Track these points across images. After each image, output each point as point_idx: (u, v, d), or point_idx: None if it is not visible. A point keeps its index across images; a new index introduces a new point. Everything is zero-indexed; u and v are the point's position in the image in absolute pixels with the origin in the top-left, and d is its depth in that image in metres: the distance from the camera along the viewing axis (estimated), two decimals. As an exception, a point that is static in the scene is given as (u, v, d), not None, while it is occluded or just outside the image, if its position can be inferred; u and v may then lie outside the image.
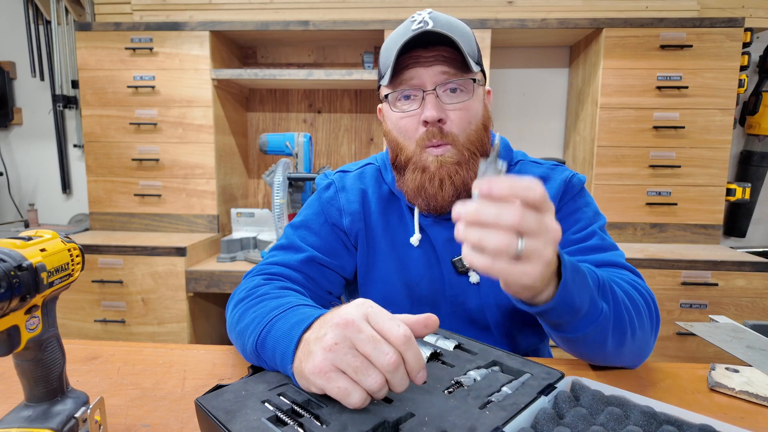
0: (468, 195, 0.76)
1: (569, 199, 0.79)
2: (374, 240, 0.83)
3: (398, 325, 0.44)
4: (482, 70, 0.76)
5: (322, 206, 0.84)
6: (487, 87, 0.81)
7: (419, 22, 0.70)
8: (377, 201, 0.83)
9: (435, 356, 0.60)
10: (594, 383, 0.54)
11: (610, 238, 0.77)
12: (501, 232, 0.44)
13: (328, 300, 0.83)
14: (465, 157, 0.73)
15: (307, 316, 0.55)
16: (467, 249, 0.46)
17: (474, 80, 0.72)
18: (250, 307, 0.65)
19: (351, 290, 0.91)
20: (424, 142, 0.72)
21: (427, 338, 0.65)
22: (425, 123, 0.71)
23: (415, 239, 0.81)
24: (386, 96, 0.75)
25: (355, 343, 0.44)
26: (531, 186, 0.44)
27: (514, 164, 0.83)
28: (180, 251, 1.80)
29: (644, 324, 0.63)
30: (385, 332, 0.44)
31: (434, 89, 0.70)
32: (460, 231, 0.46)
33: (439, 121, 0.71)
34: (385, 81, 0.73)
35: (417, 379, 0.45)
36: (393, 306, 0.83)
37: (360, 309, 0.47)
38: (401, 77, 0.72)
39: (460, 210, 0.45)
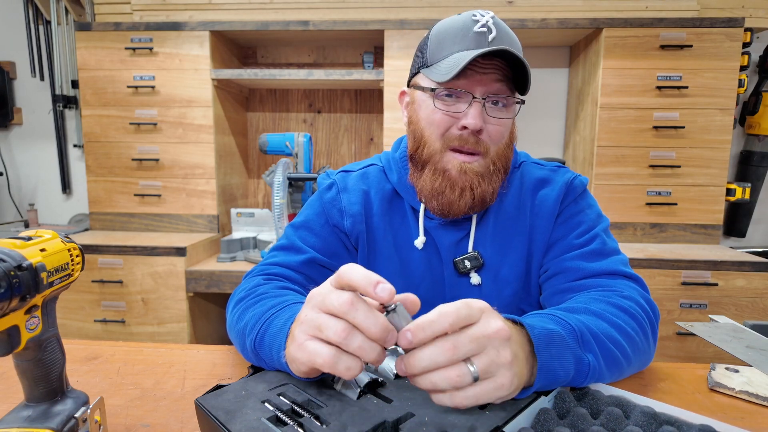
0: (482, 207, 0.75)
1: (571, 201, 0.79)
2: (375, 242, 0.83)
3: (362, 270, 0.44)
4: None
5: (323, 207, 0.84)
6: None
7: (483, 26, 0.69)
8: (380, 202, 0.83)
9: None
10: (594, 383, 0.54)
11: (614, 241, 0.77)
12: (446, 370, 0.42)
13: None
14: (490, 171, 0.73)
15: (292, 314, 0.55)
16: (436, 397, 0.44)
17: (523, 102, 0.72)
18: (249, 307, 0.65)
19: None
20: (452, 143, 0.71)
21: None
22: (463, 128, 0.70)
23: (420, 242, 0.80)
24: (432, 89, 0.72)
25: (318, 305, 0.46)
26: (440, 316, 0.42)
27: (518, 166, 0.83)
28: (180, 251, 1.80)
29: (639, 344, 0.61)
30: (343, 282, 0.44)
31: (483, 98, 0.69)
32: (414, 382, 0.44)
33: (478, 131, 0.70)
34: (439, 78, 0.69)
35: (386, 342, 0.43)
36: None
37: (328, 282, 0.47)
38: (452, 77, 0.69)
39: (401, 366, 0.44)
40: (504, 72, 0.70)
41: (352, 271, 0.43)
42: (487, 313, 0.45)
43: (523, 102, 0.72)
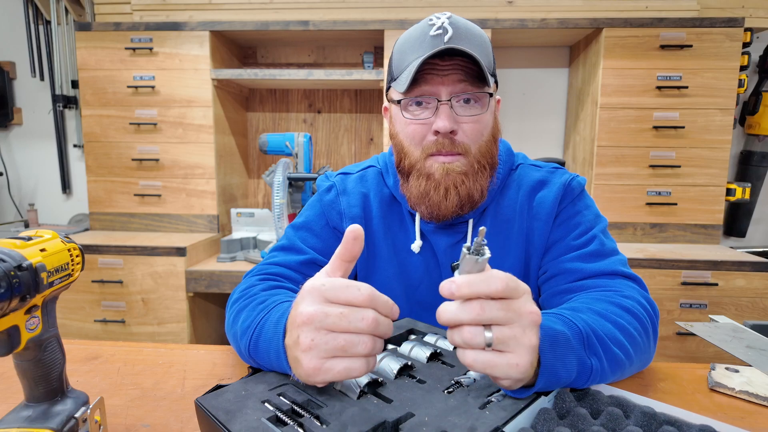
0: (471, 206, 0.75)
1: (568, 202, 0.78)
2: (375, 245, 0.83)
3: (357, 288, 0.46)
4: (495, 81, 0.75)
5: (323, 209, 0.84)
6: (497, 96, 0.80)
7: (438, 28, 0.68)
8: (378, 205, 0.83)
9: (435, 356, 0.60)
10: (594, 383, 0.54)
11: (612, 242, 0.77)
12: (468, 328, 0.45)
13: None
14: (474, 169, 0.72)
15: (281, 315, 0.56)
16: (459, 352, 0.47)
17: (490, 94, 0.71)
18: (242, 309, 0.66)
19: None
20: (430, 150, 0.71)
21: (426, 338, 0.65)
22: (436, 132, 0.70)
23: (416, 246, 0.80)
24: (398, 101, 0.73)
25: (329, 327, 0.46)
26: (491, 279, 0.44)
27: (515, 168, 0.83)
28: (180, 251, 1.80)
29: (641, 344, 0.61)
30: (351, 301, 0.46)
31: (449, 100, 0.69)
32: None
33: (451, 132, 0.70)
34: (401, 88, 0.70)
35: (393, 313, 0.47)
36: None
37: (313, 296, 0.47)
38: (415, 84, 0.70)
39: (439, 312, 0.47)
40: (468, 69, 0.69)
41: (377, 302, 0.46)
42: (528, 295, 0.47)
43: (491, 95, 0.71)
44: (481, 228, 0.43)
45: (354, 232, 0.48)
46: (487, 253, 0.43)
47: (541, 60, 2.29)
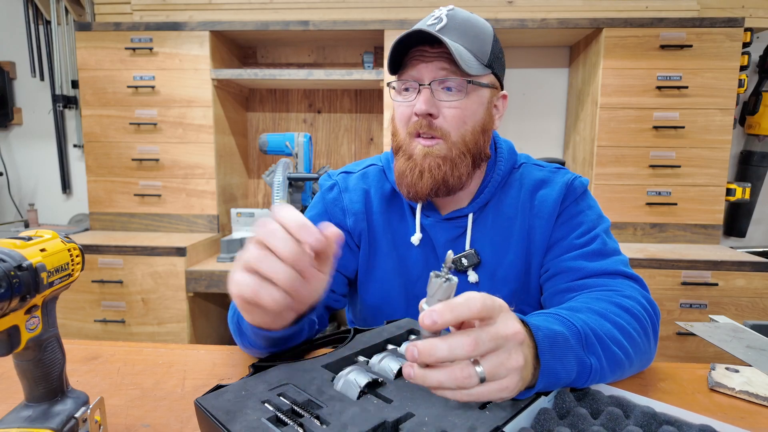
0: (447, 191, 0.76)
1: (571, 202, 0.79)
2: (376, 239, 0.84)
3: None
4: (494, 73, 0.76)
5: (326, 207, 0.86)
6: (504, 91, 0.80)
7: (435, 18, 0.72)
8: (380, 200, 0.84)
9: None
10: (594, 383, 0.54)
11: (614, 242, 0.77)
12: (453, 370, 0.42)
13: (332, 298, 0.83)
14: (453, 155, 0.73)
15: None
16: (438, 391, 0.43)
17: (470, 82, 0.72)
18: None
19: (350, 288, 0.91)
20: (411, 130, 0.74)
21: (427, 338, 0.65)
22: (416, 114, 0.73)
23: (416, 238, 0.81)
24: (389, 84, 0.78)
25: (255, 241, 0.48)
26: (469, 300, 0.41)
27: (517, 166, 0.84)
28: (180, 251, 1.80)
29: (641, 345, 0.61)
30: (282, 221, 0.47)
31: (429, 84, 0.72)
32: (417, 375, 0.42)
33: (431, 115, 0.72)
34: (389, 71, 0.76)
35: (296, 262, 0.46)
36: (390, 304, 0.84)
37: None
38: (405, 69, 0.74)
39: (413, 352, 0.41)
40: (452, 57, 0.70)
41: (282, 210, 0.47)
42: (505, 313, 0.45)
43: (470, 82, 0.72)
44: (448, 252, 0.43)
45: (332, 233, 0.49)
46: (455, 278, 0.43)
47: (541, 60, 2.29)
